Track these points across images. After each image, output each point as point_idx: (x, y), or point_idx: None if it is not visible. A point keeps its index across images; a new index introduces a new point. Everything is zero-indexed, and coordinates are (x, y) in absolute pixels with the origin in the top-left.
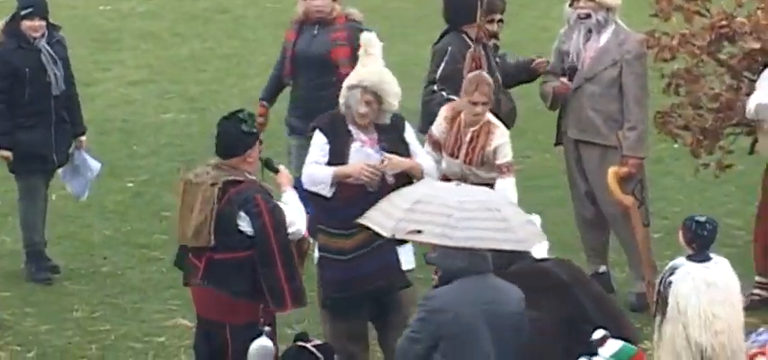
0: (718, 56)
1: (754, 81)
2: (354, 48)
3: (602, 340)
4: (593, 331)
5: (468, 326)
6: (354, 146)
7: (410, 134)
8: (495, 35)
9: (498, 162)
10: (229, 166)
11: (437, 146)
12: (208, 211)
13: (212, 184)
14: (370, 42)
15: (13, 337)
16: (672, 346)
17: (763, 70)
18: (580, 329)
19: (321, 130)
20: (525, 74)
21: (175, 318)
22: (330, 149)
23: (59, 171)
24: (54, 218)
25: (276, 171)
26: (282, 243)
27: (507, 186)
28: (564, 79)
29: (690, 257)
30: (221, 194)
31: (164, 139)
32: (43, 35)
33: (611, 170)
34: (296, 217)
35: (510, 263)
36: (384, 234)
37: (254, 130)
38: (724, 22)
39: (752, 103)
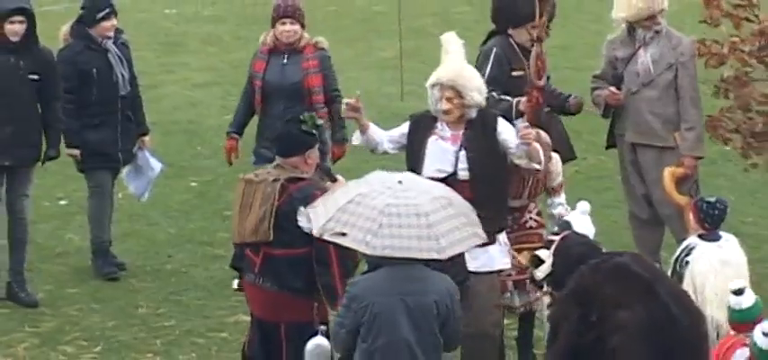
0: (767, 60)
1: None
2: (325, 75)
3: (741, 290)
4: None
5: (385, 313)
6: (431, 139)
7: (505, 127)
8: (540, 39)
9: (551, 185)
10: (290, 166)
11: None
12: (268, 207)
13: (274, 181)
14: (449, 41)
15: (80, 333)
16: None
17: None
18: (666, 332)
19: (411, 119)
20: (558, 107)
21: (237, 314)
22: (408, 140)
23: (123, 171)
24: (120, 216)
25: (334, 180)
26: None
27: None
28: (613, 89)
29: (702, 237)
30: (282, 191)
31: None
32: (112, 36)
33: (668, 170)
34: None
35: (584, 256)
36: (313, 232)
37: (314, 132)
38: None
39: None
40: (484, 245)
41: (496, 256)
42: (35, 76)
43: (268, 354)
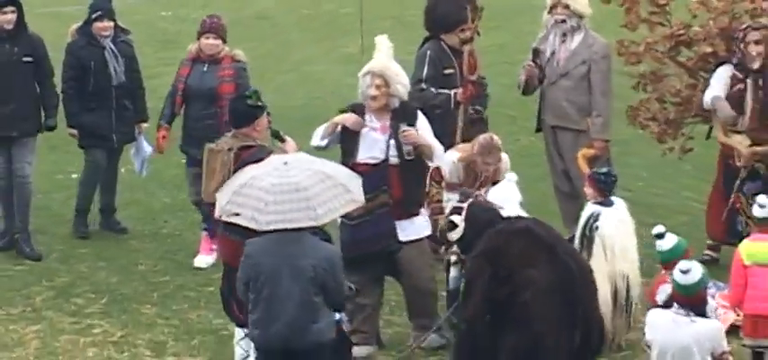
0: (678, 59)
1: (708, 78)
2: (238, 85)
3: (662, 235)
4: (574, 281)
5: (269, 271)
6: (364, 131)
7: (423, 122)
8: (466, 41)
9: (499, 179)
10: (242, 135)
11: (451, 187)
12: (225, 172)
13: (229, 150)
14: (381, 42)
15: (89, 286)
16: (600, 279)
17: (715, 70)
18: (568, 286)
19: (342, 113)
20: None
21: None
22: (342, 134)
23: (131, 151)
24: (123, 188)
25: (283, 140)
26: None
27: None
28: (530, 63)
29: (600, 203)
30: (236, 158)
31: None
32: (110, 35)
33: (580, 152)
34: None
35: (491, 222)
36: (216, 214)
37: (260, 104)
38: (682, 31)
39: (707, 96)
40: (410, 216)
41: (422, 225)
42: (29, 59)
43: (232, 293)
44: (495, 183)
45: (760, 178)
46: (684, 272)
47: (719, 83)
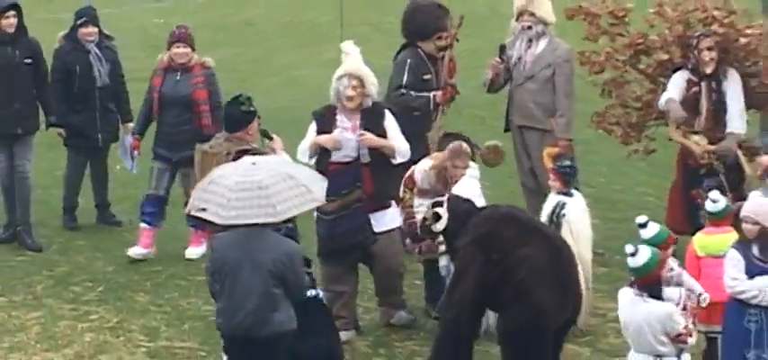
0: (638, 66)
1: (666, 83)
2: (210, 90)
3: (646, 224)
4: (561, 257)
5: (232, 264)
6: (336, 131)
7: (390, 121)
8: (443, 49)
9: None
10: (237, 138)
11: (422, 193)
12: None
13: (227, 154)
14: (348, 47)
15: (87, 275)
16: None
17: (672, 75)
18: (559, 264)
19: (315, 117)
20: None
21: None
22: (317, 131)
23: (119, 150)
24: (116, 184)
25: (271, 138)
26: None
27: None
28: (497, 60)
29: (564, 194)
30: (234, 160)
31: None
32: (94, 40)
33: (546, 150)
34: None
35: (470, 212)
36: (186, 209)
37: (252, 109)
38: (640, 41)
39: (662, 100)
40: (382, 209)
41: (393, 217)
42: (29, 61)
43: None
44: None
45: (715, 174)
46: (632, 254)
47: (675, 87)
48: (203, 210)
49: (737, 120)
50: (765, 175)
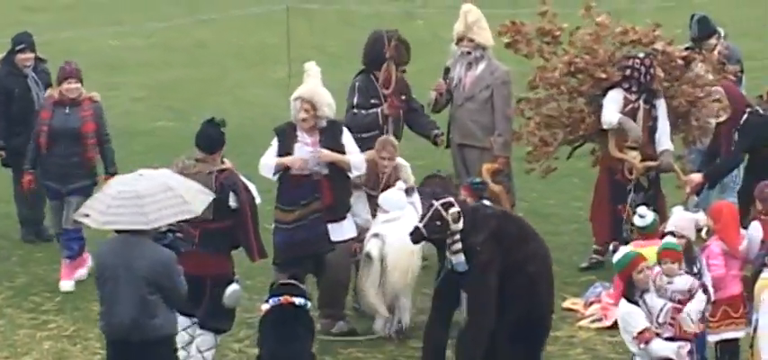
0: (570, 85)
1: (599, 99)
2: (98, 123)
3: (616, 248)
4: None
5: (110, 269)
6: (297, 145)
7: (347, 137)
8: (391, 58)
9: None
10: (211, 159)
11: (354, 186)
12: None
13: (208, 173)
14: (310, 68)
15: (45, 287)
16: None
17: (606, 92)
18: (549, 262)
19: (277, 133)
20: (425, 135)
21: None
22: (279, 146)
23: None
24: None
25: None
26: (253, 212)
27: (414, 200)
28: (441, 81)
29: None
30: (215, 180)
31: (156, 141)
32: (31, 65)
33: (485, 166)
34: (256, 193)
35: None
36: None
37: (224, 132)
38: (577, 59)
39: (612, 117)
40: (338, 221)
41: (347, 229)
42: None
43: (192, 299)
44: (387, 187)
45: (643, 190)
46: (613, 252)
47: (615, 104)
48: (87, 215)
49: (668, 137)
50: (693, 192)
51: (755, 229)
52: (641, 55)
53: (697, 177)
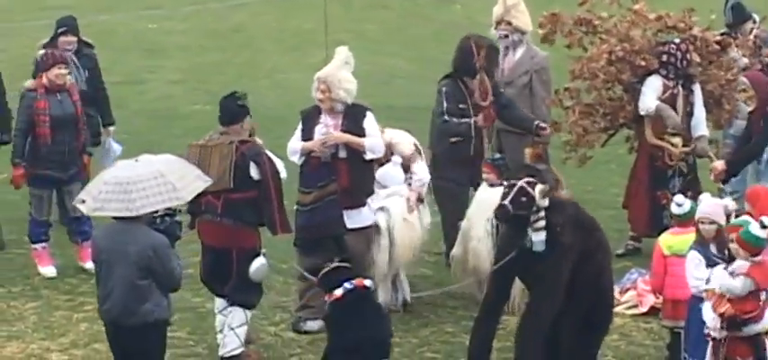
0: (611, 73)
1: (637, 86)
2: (82, 109)
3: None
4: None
5: (105, 253)
6: (318, 128)
7: (369, 120)
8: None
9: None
10: (233, 131)
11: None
12: (227, 163)
13: (229, 143)
14: (340, 52)
15: (81, 269)
16: None
17: (641, 81)
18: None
19: (302, 116)
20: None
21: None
22: (303, 129)
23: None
24: None
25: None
26: (277, 186)
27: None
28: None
29: (498, 185)
30: (236, 150)
31: (193, 124)
32: (73, 48)
33: (527, 150)
34: (281, 169)
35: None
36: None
37: (246, 105)
38: (617, 48)
39: (650, 104)
40: (356, 207)
41: (365, 216)
42: None
43: (220, 274)
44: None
45: (683, 175)
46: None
47: (653, 91)
48: (83, 201)
49: (704, 123)
50: (718, 179)
51: None
52: (677, 40)
53: (719, 165)
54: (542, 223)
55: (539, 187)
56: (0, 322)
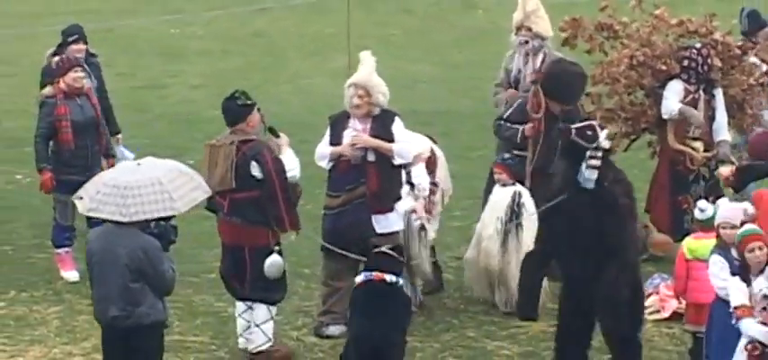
0: (634, 76)
1: (659, 90)
2: (100, 113)
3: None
4: None
5: (97, 254)
6: (346, 132)
7: (397, 126)
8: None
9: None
10: (239, 131)
11: None
12: (228, 164)
13: (230, 144)
14: (365, 57)
15: None
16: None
17: (662, 85)
18: None
19: (330, 122)
20: None
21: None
22: (331, 134)
23: None
24: None
25: (278, 136)
26: (283, 184)
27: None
28: (511, 90)
29: (510, 184)
30: (237, 151)
31: (215, 128)
32: (83, 57)
33: None
34: (292, 166)
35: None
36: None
37: (249, 102)
38: (638, 53)
39: (672, 107)
40: (385, 212)
41: (395, 221)
42: None
43: (236, 270)
44: None
45: (705, 180)
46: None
47: (676, 96)
48: (80, 198)
49: (726, 128)
50: (726, 184)
51: None
52: (698, 45)
53: (725, 171)
54: (597, 162)
55: (605, 130)
56: (23, 326)
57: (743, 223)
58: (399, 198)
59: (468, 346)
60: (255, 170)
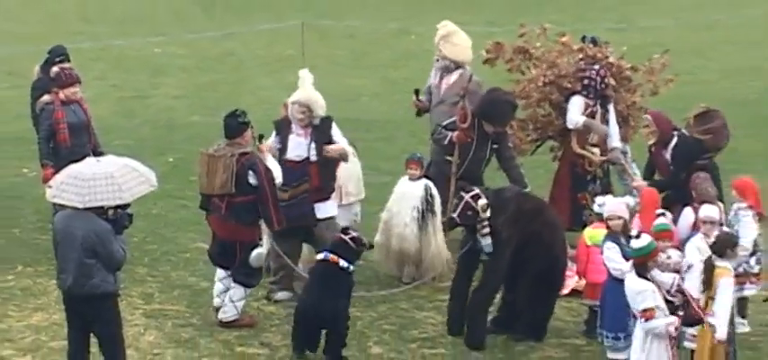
0: (547, 94)
1: (564, 104)
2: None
3: (638, 235)
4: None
5: (60, 234)
6: (291, 137)
7: (335, 130)
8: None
9: None
10: (236, 144)
11: None
12: (229, 172)
13: (231, 156)
14: (302, 75)
15: None
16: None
17: (568, 98)
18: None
19: (275, 125)
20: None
21: (197, 242)
22: (278, 139)
23: None
24: None
25: (261, 142)
26: (272, 190)
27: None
28: (414, 101)
29: (418, 178)
30: (237, 161)
31: (193, 132)
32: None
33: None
34: (277, 173)
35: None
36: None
37: (247, 120)
38: (548, 72)
39: (578, 119)
40: (324, 200)
41: (331, 207)
42: None
43: (225, 257)
44: None
45: (600, 180)
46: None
47: (579, 109)
48: (50, 186)
49: (617, 136)
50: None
51: (686, 215)
52: (597, 67)
53: (642, 183)
54: (487, 230)
55: (481, 202)
56: (27, 296)
57: (632, 215)
58: (334, 189)
59: (401, 316)
60: (251, 178)
